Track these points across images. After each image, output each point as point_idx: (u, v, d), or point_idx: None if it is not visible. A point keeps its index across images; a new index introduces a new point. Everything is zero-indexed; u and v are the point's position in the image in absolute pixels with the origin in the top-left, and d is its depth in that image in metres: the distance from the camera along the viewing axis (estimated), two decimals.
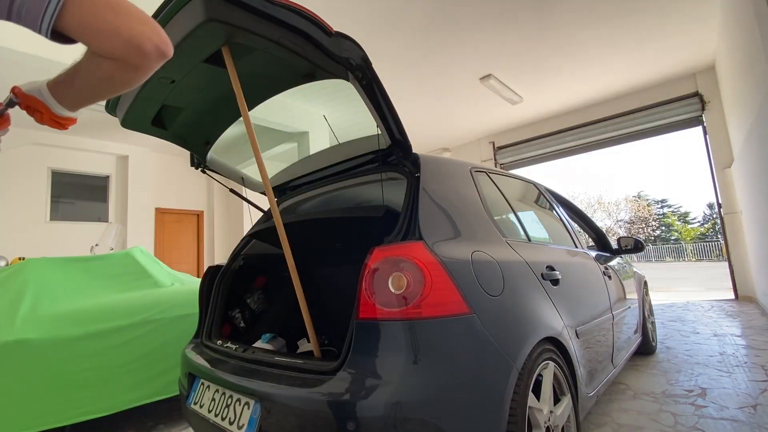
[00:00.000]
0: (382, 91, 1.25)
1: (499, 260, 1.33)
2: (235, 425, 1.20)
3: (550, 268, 1.61)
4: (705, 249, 29.84)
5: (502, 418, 1.08)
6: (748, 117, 4.08)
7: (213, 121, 1.76)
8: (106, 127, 6.27)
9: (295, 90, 1.58)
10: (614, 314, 2.20)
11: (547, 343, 1.34)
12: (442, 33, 4.59)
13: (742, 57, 3.92)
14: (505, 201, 1.85)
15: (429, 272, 1.09)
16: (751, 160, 4.24)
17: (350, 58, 1.18)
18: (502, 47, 4.97)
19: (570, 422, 1.42)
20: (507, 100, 6.49)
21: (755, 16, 3.14)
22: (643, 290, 3.23)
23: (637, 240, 2.87)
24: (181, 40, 1.17)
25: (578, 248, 2.28)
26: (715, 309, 5.16)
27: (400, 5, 4.06)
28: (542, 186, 2.48)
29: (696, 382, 2.43)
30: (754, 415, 1.93)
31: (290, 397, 1.10)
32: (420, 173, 1.39)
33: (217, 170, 2.01)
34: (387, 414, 0.96)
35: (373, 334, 1.07)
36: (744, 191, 5.01)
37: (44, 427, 1.87)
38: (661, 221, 41.13)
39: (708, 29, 4.90)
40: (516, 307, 1.29)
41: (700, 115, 6.06)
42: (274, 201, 1.47)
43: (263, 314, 1.98)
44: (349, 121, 5.42)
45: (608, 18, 4.51)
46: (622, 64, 5.61)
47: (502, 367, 1.13)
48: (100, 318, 2.16)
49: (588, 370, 1.69)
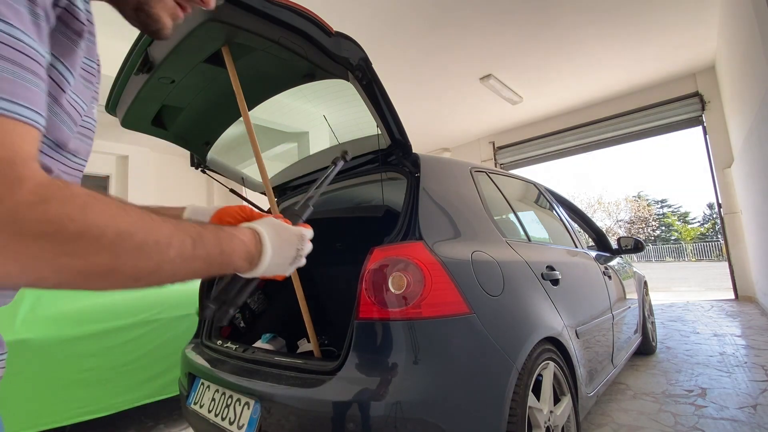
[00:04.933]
0: (382, 91, 1.25)
1: (499, 260, 1.33)
2: (235, 425, 1.20)
3: (550, 268, 1.62)
4: (705, 249, 29.86)
5: (502, 418, 1.08)
6: (748, 117, 4.08)
7: (213, 121, 1.76)
8: (106, 127, 6.25)
9: (295, 90, 1.58)
10: (614, 314, 2.20)
11: (547, 343, 1.34)
12: (442, 33, 4.59)
13: (742, 57, 3.92)
14: (505, 201, 1.85)
15: (429, 272, 1.09)
16: (751, 160, 4.24)
17: (350, 58, 1.18)
18: (502, 47, 4.97)
19: (570, 422, 1.42)
20: (507, 100, 6.48)
21: (755, 16, 3.14)
22: (643, 290, 3.23)
23: (637, 240, 2.87)
24: (181, 40, 1.17)
25: (578, 248, 2.28)
26: (715, 309, 5.16)
27: (400, 5, 4.06)
28: (542, 186, 2.48)
29: (696, 382, 2.43)
30: (754, 415, 1.93)
31: (290, 397, 1.10)
32: (420, 173, 1.39)
33: (217, 170, 2.01)
34: (387, 414, 0.96)
35: (373, 334, 1.07)
36: (744, 191, 5.01)
37: (44, 427, 1.87)
38: (661, 221, 41.15)
39: (708, 29, 4.90)
40: (516, 307, 1.29)
41: (700, 115, 6.06)
42: (274, 201, 1.47)
43: (263, 314, 1.98)
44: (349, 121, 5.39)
45: (608, 18, 4.51)
46: (622, 64, 5.60)
47: (502, 367, 1.13)
48: (100, 318, 2.16)
49: (588, 370, 1.69)
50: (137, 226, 0.35)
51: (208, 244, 0.43)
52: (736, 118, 4.90)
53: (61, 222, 0.30)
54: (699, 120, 6.13)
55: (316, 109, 1.82)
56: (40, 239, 0.29)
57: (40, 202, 0.29)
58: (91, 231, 0.32)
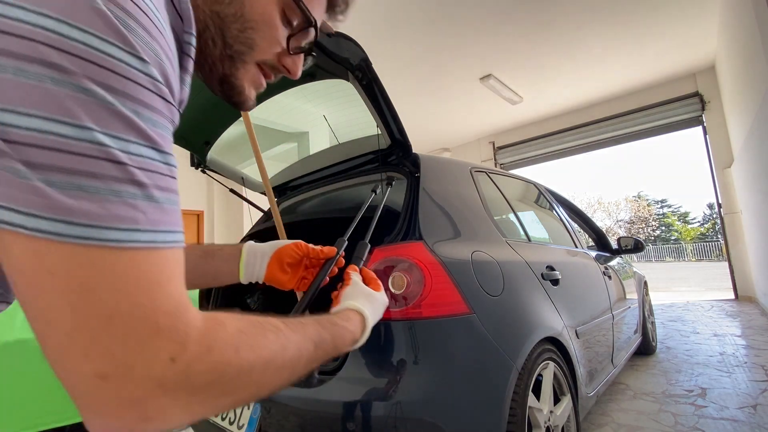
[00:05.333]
0: (382, 91, 1.25)
1: (499, 260, 1.33)
2: (235, 425, 1.20)
3: (550, 268, 1.61)
4: (705, 249, 29.87)
5: (502, 418, 1.08)
6: (748, 117, 4.08)
7: (213, 121, 1.76)
8: None
9: (295, 90, 1.58)
10: (614, 314, 2.20)
11: (547, 343, 1.34)
12: (442, 33, 4.60)
13: (742, 57, 3.92)
14: (505, 201, 1.85)
15: (429, 272, 1.09)
16: (751, 160, 4.24)
17: (350, 59, 1.18)
18: (502, 47, 4.97)
19: (570, 422, 1.42)
20: (507, 100, 6.49)
21: (755, 16, 3.14)
22: (643, 290, 3.23)
23: (637, 240, 2.87)
24: None
25: (578, 248, 2.28)
26: (715, 309, 5.16)
27: (401, 6, 4.06)
28: (542, 186, 2.48)
29: (696, 382, 2.43)
30: (754, 415, 1.93)
31: (290, 397, 1.10)
32: (420, 173, 1.40)
33: (217, 170, 2.01)
34: (387, 414, 0.96)
35: (373, 333, 1.07)
36: (744, 191, 5.01)
37: (44, 427, 1.87)
38: (661, 221, 41.16)
39: (708, 29, 4.90)
40: (516, 307, 1.29)
41: (700, 115, 6.06)
42: (274, 201, 1.47)
43: (263, 314, 1.98)
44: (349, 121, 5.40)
45: (608, 18, 4.51)
46: (622, 64, 5.61)
47: (502, 367, 1.13)
48: None
49: (588, 370, 1.69)
50: (275, 349, 0.36)
51: (326, 345, 0.45)
52: (736, 118, 4.90)
53: (223, 369, 0.30)
54: (699, 120, 6.13)
55: (316, 109, 1.82)
56: (206, 389, 0.29)
57: (207, 353, 0.29)
58: (244, 370, 0.32)
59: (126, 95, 0.26)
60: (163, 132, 0.29)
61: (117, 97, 0.25)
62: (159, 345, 0.26)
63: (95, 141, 0.24)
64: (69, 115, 0.24)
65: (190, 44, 0.36)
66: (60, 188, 0.23)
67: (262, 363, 0.34)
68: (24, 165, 0.23)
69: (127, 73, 0.26)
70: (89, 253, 0.24)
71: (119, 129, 0.25)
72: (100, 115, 0.25)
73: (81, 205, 0.24)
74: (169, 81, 0.30)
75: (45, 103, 0.23)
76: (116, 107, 0.25)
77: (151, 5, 0.28)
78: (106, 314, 0.25)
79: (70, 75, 0.24)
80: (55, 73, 0.23)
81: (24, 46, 0.23)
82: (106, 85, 0.25)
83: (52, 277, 0.24)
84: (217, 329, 0.31)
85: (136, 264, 0.26)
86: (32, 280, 0.24)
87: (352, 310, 0.58)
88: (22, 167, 0.23)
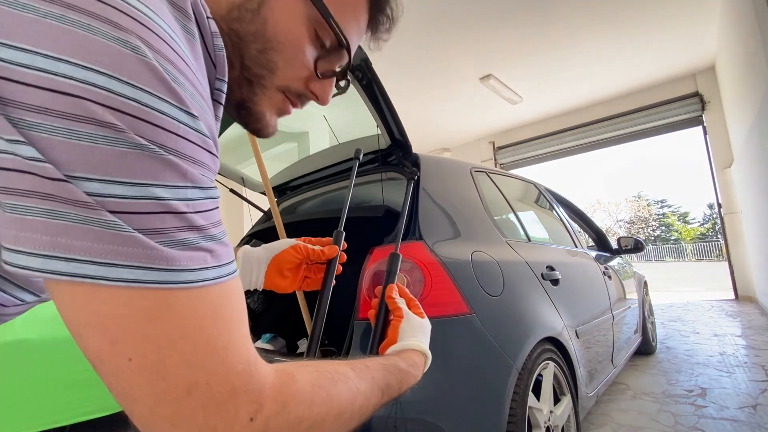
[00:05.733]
0: (382, 91, 1.25)
1: (499, 260, 1.33)
2: None
3: (550, 268, 1.62)
4: (705, 249, 29.88)
5: (502, 418, 1.08)
6: (748, 117, 4.09)
7: None
8: None
9: None
10: (614, 314, 2.20)
11: (547, 343, 1.34)
12: (442, 33, 4.59)
13: (742, 57, 3.92)
14: (505, 201, 1.85)
15: (429, 272, 1.09)
16: (751, 160, 4.24)
17: None
18: (502, 47, 4.97)
19: (570, 422, 1.42)
20: (507, 100, 6.48)
21: (755, 16, 3.14)
22: (643, 290, 3.23)
23: (637, 240, 2.87)
24: None
25: (578, 248, 2.28)
26: (715, 309, 5.16)
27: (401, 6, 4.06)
28: (542, 186, 2.48)
29: (696, 382, 2.43)
30: (754, 415, 1.93)
31: None
32: (420, 173, 1.40)
33: None
34: (387, 414, 0.96)
35: None
36: (744, 191, 5.01)
37: (44, 427, 1.87)
38: (661, 221, 41.17)
39: (708, 29, 4.90)
40: (516, 307, 1.29)
41: (700, 115, 6.06)
42: (274, 201, 1.47)
43: (263, 314, 1.98)
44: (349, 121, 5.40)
45: (608, 18, 4.51)
46: (622, 64, 5.60)
47: (502, 367, 1.13)
48: None
49: (588, 370, 1.69)
50: (346, 401, 0.36)
51: (392, 391, 0.45)
52: (736, 118, 4.90)
53: (299, 425, 0.30)
54: (699, 120, 6.13)
55: (316, 109, 1.82)
56: None
57: (283, 410, 0.29)
58: (317, 423, 0.32)
59: (178, 154, 0.25)
60: (209, 185, 0.30)
61: (170, 154, 0.25)
62: (237, 405, 0.26)
63: (153, 196, 0.25)
64: (128, 176, 0.23)
65: (222, 91, 0.34)
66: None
67: (334, 415, 0.34)
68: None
69: (177, 130, 0.25)
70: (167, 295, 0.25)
71: (175, 182, 0.25)
72: (155, 171, 0.24)
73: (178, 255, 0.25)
74: (213, 133, 0.29)
75: (104, 165, 0.23)
76: (172, 165, 0.25)
77: (190, 56, 0.28)
78: (184, 387, 0.25)
79: (121, 133, 0.23)
80: (108, 132, 0.22)
81: (74, 105, 0.22)
82: (159, 144, 0.24)
83: (154, 322, 0.24)
84: (290, 384, 0.31)
85: (206, 302, 0.27)
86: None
87: (417, 352, 0.55)
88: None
